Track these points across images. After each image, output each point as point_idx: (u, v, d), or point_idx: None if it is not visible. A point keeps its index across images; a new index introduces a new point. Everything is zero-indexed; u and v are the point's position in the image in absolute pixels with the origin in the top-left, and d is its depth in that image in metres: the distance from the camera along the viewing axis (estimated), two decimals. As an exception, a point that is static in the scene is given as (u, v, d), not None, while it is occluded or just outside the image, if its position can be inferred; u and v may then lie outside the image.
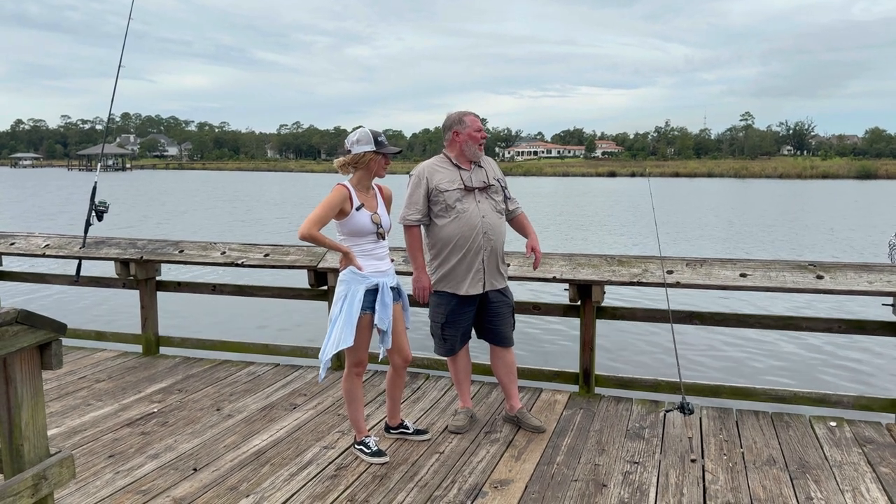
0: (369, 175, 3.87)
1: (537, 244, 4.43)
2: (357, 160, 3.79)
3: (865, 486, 3.57)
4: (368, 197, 3.88)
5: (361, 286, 3.77)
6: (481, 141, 4.24)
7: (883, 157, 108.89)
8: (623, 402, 4.83)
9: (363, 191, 3.87)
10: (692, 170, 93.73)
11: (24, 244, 6.30)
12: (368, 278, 3.79)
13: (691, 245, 18.96)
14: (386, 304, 3.85)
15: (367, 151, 3.78)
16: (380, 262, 3.88)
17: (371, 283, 3.80)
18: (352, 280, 3.78)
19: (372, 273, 3.82)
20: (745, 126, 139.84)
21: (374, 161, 3.82)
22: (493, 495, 3.49)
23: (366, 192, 3.88)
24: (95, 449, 4.08)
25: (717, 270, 4.64)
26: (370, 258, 3.84)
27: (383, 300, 3.84)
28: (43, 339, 2.51)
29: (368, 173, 3.86)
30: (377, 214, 3.87)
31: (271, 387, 5.21)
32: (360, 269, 3.77)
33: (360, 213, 3.78)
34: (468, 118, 4.24)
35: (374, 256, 3.85)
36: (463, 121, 4.23)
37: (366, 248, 3.83)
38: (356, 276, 3.77)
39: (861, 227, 24.48)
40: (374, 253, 3.86)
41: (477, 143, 4.23)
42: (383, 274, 3.88)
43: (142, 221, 25.82)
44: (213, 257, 5.78)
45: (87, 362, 5.84)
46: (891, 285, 4.30)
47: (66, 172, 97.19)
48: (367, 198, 3.88)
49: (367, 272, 3.79)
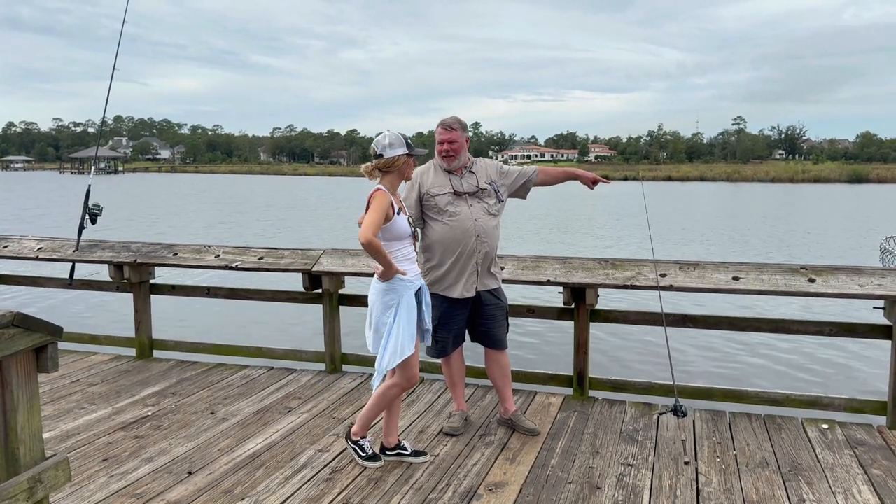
0: (400, 178, 3.81)
1: (585, 173, 4.50)
2: (391, 164, 3.71)
3: (857, 488, 3.60)
4: (398, 201, 3.84)
5: (411, 292, 3.74)
6: (444, 153, 4.21)
7: (874, 161, 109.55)
8: (617, 405, 4.85)
9: (394, 194, 3.81)
10: (685, 174, 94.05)
11: (17, 247, 6.28)
12: (414, 282, 3.77)
13: (684, 249, 19.04)
14: (429, 304, 3.89)
15: (402, 155, 3.73)
16: (415, 266, 3.85)
17: (416, 286, 3.78)
18: (402, 287, 3.70)
19: (414, 277, 3.79)
20: (737, 130, 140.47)
21: (407, 164, 3.78)
22: (487, 498, 3.50)
23: (395, 195, 3.83)
24: (89, 453, 4.07)
25: (710, 274, 4.67)
26: (409, 262, 3.79)
27: (427, 300, 3.87)
28: (39, 342, 2.50)
29: (400, 176, 3.80)
30: (410, 217, 3.88)
31: (266, 390, 5.21)
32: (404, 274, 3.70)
33: (401, 218, 3.73)
34: (437, 130, 4.26)
35: (411, 260, 3.81)
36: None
37: (405, 252, 3.77)
38: (404, 282, 3.71)
39: (852, 230, 24.62)
40: (412, 257, 3.83)
41: (441, 156, 4.24)
42: (419, 276, 3.88)
43: (135, 224, 25.74)
44: (208, 260, 5.77)
45: (81, 366, 5.82)
46: (882, 288, 4.34)
47: (58, 175, 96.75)
48: (398, 201, 3.84)
49: (410, 276, 3.75)
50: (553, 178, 4.58)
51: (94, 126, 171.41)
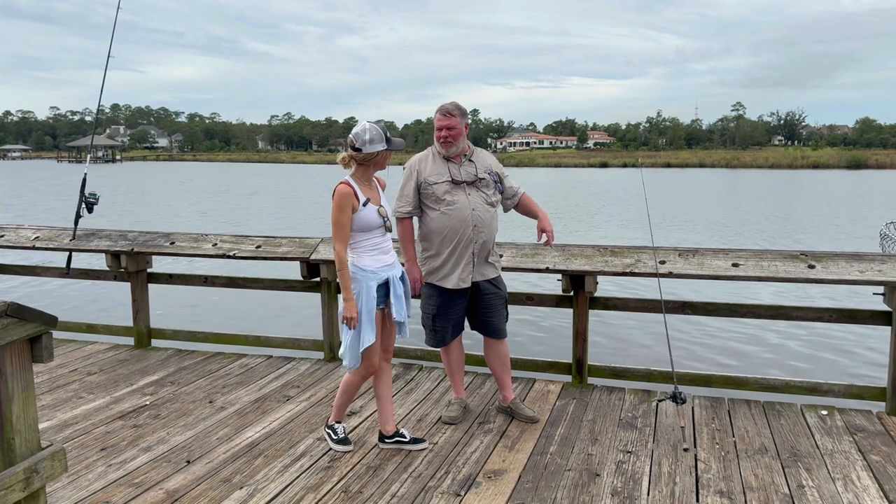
0: (375, 169, 3.82)
1: (548, 224, 4.31)
2: (369, 158, 3.72)
3: (856, 474, 3.60)
4: (371, 190, 3.81)
5: (373, 282, 3.73)
6: (442, 139, 4.17)
7: (873, 146, 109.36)
8: (616, 392, 4.85)
9: (366, 184, 3.79)
10: (684, 160, 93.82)
11: (13, 236, 6.25)
12: (378, 273, 3.76)
13: (683, 235, 19.02)
14: (399, 296, 3.85)
15: (381, 151, 3.72)
16: (386, 256, 3.83)
17: (381, 278, 3.77)
18: (363, 278, 3.71)
19: (380, 268, 3.78)
20: (736, 116, 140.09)
21: (384, 157, 3.78)
22: (486, 485, 3.50)
23: (368, 185, 3.81)
24: (87, 442, 4.06)
25: (710, 260, 4.65)
26: (378, 252, 3.79)
27: (396, 293, 3.83)
28: (33, 331, 2.48)
29: (375, 167, 3.81)
30: (383, 207, 3.83)
31: (264, 379, 5.20)
32: (352, 327, 3.69)
33: (368, 209, 3.72)
34: (435, 116, 4.22)
35: (381, 250, 3.80)
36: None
37: (374, 243, 3.78)
38: (366, 273, 3.72)
39: (852, 216, 24.61)
40: (381, 247, 3.81)
41: (439, 142, 4.21)
42: (391, 267, 3.84)
43: (132, 213, 25.69)
44: (205, 249, 5.75)
45: (79, 355, 5.81)
46: (882, 274, 4.32)
47: (56, 164, 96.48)
48: (371, 191, 3.81)
49: (375, 267, 3.75)
50: (526, 209, 4.45)
51: (91, 114, 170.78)
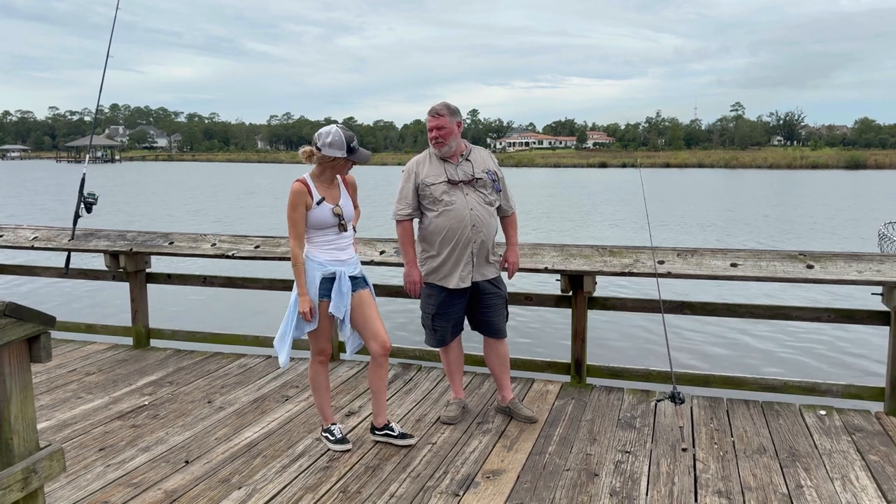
0: (333, 172, 3.87)
1: (515, 257, 4.45)
2: (326, 161, 3.78)
3: (855, 474, 3.60)
4: (331, 188, 3.86)
5: (318, 273, 3.80)
6: (433, 140, 4.17)
7: (872, 147, 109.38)
8: (614, 392, 4.85)
9: (325, 183, 3.84)
10: (683, 160, 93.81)
11: (12, 236, 6.24)
12: (325, 266, 3.81)
13: (682, 235, 19.03)
14: (342, 293, 3.84)
15: (338, 157, 3.77)
16: (340, 252, 3.88)
17: (328, 270, 3.82)
18: (310, 269, 3.80)
19: (329, 261, 3.83)
20: (735, 116, 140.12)
21: (343, 165, 3.84)
22: (485, 485, 3.50)
23: (329, 183, 3.86)
24: (86, 442, 4.06)
25: (708, 260, 4.65)
26: (331, 248, 3.85)
27: (339, 288, 3.84)
28: (31, 331, 2.48)
29: (333, 171, 3.86)
30: (339, 206, 3.84)
31: (262, 379, 5.20)
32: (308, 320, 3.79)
33: (321, 208, 3.78)
34: (427, 118, 4.23)
35: (335, 247, 3.87)
36: None
37: (328, 239, 3.84)
38: (312, 262, 3.81)
39: (851, 216, 24.62)
40: (336, 243, 3.87)
41: (432, 143, 4.21)
42: (342, 263, 3.87)
43: (126, 213, 25.69)
44: (204, 249, 5.74)
45: (78, 355, 5.81)
46: (880, 274, 4.32)
47: (55, 164, 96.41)
48: (330, 189, 3.85)
49: (323, 259, 3.82)
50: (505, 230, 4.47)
51: (90, 114, 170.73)
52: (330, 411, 4.09)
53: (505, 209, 4.39)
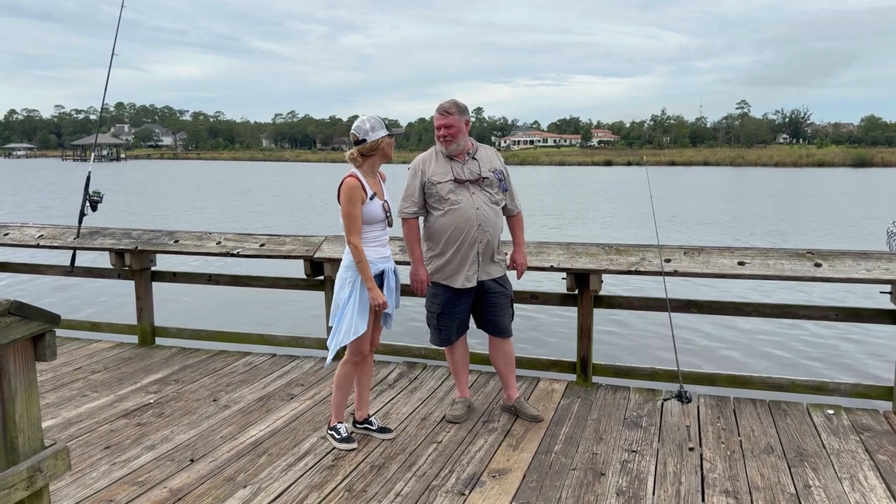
0: (381, 160, 3.90)
1: (523, 258, 4.45)
2: (374, 147, 3.80)
3: (863, 474, 3.57)
4: (376, 184, 3.90)
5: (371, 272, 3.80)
6: (441, 138, 4.15)
7: (879, 144, 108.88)
8: (620, 391, 4.83)
9: (372, 178, 3.87)
10: (688, 158, 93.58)
11: (17, 235, 6.25)
12: (375, 264, 3.83)
13: (689, 234, 18.97)
14: (391, 289, 3.94)
15: (384, 136, 3.80)
16: (384, 249, 3.94)
17: (378, 268, 3.85)
18: None
19: (378, 259, 3.86)
20: (740, 114, 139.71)
21: (389, 145, 3.86)
22: (490, 484, 3.49)
23: (374, 179, 3.89)
24: (91, 440, 4.06)
25: (715, 259, 4.63)
26: (377, 245, 3.88)
27: (389, 285, 3.92)
28: (36, 330, 2.47)
29: (381, 159, 3.89)
30: (387, 202, 3.92)
31: (268, 377, 5.19)
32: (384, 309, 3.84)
33: (374, 203, 3.80)
34: (434, 116, 4.22)
35: (380, 243, 3.91)
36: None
37: (375, 235, 3.87)
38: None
39: (859, 215, 24.52)
40: (381, 240, 3.91)
41: (439, 141, 4.20)
42: (387, 259, 3.95)
43: (136, 210, 25.74)
44: (209, 247, 5.74)
45: (83, 353, 5.81)
46: (889, 273, 4.29)
47: (61, 163, 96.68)
48: (376, 185, 3.89)
49: (373, 258, 3.83)
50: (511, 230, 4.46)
51: (95, 113, 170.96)
52: (343, 411, 4.08)
53: (510, 209, 4.37)
